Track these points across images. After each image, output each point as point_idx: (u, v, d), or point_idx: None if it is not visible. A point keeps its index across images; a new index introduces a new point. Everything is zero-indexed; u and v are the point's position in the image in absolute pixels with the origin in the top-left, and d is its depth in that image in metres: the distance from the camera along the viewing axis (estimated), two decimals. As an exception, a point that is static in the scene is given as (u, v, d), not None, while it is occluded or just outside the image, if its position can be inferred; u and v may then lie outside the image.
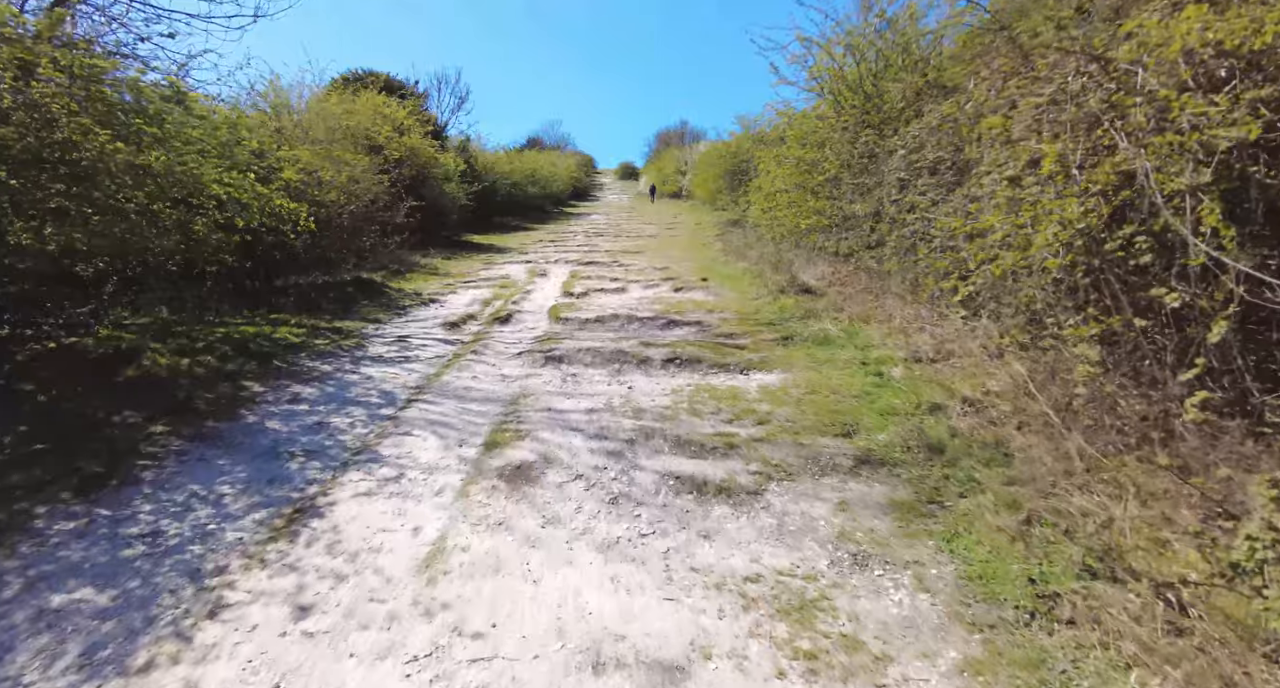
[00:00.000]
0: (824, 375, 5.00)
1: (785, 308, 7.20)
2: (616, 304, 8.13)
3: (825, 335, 5.94)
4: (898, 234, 5.98)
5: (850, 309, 6.46)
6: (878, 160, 7.20)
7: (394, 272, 10.74)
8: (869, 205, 7.13)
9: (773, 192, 9.63)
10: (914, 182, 6.02)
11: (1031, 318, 3.82)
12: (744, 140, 17.49)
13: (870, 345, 5.49)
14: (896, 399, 4.29)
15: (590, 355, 5.94)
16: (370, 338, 6.81)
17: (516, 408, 4.68)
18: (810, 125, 9.28)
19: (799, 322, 6.58)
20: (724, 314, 7.31)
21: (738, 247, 11.39)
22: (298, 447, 4.06)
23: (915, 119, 7.43)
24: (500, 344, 6.56)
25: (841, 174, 7.89)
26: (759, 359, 5.56)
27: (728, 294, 8.48)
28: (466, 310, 8.17)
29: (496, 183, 20.49)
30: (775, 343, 6.03)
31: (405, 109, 15.53)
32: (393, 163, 14.18)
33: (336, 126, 13.32)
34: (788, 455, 3.70)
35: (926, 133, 6.06)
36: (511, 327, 7.39)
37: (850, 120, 8.01)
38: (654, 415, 4.40)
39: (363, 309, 8.05)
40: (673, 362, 5.65)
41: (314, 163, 8.85)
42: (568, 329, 7.07)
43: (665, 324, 7.10)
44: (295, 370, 5.58)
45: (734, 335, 6.40)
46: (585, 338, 6.55)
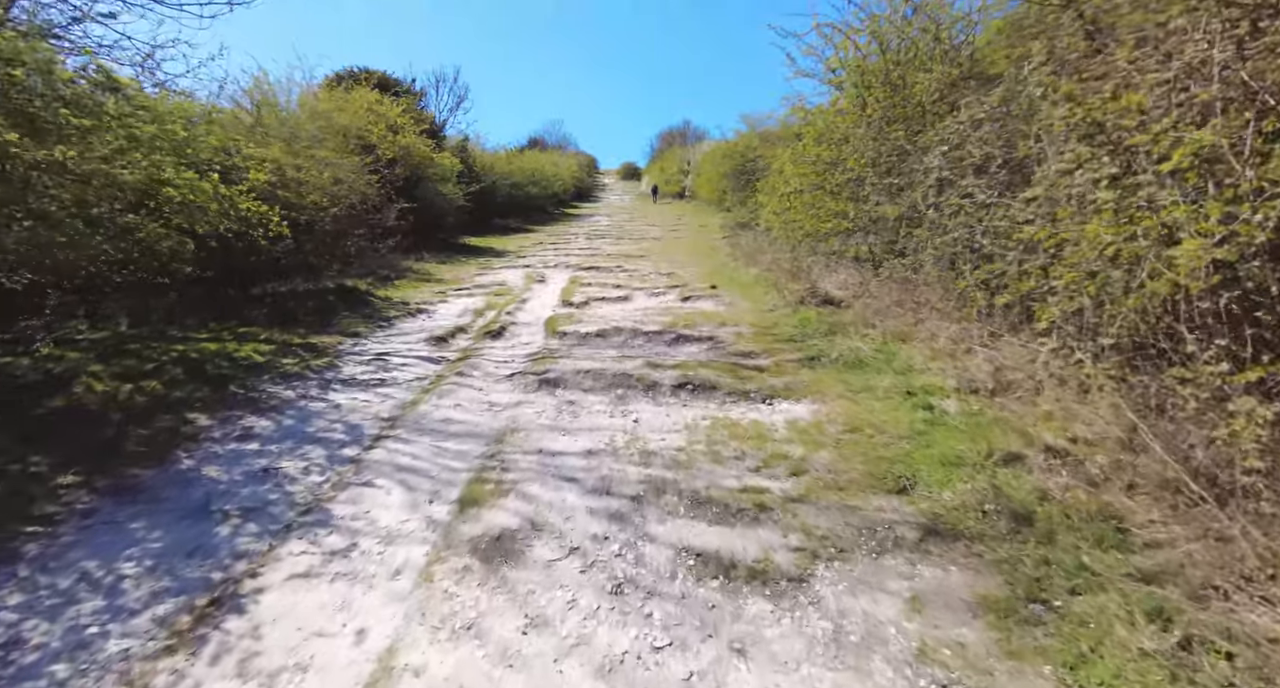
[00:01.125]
0: (863, 408, 4.24)
1: (807, 322, 6.44)
2: (619, 316, 7.38)
3: (857, 357, 5.18)
4: (940, 240, 5.22)
5: (883, 325, 5.70)
6: (909, 158, 6.44)
7: (382, 278, 9.99)
8: (899, 208, 6.37)
9: (788, 192, 8.86)
10: (957, 181, 5.26)
11: (1136, 347, 3.05)
12: (750, 139, 16.74)
13: (912, 370, 4.73)
14: (958, 443, 3.53)
15: (590, 379, 5.19)
16: (345, 356, 6.06)
17: (502, 448, 3.93)
18: (829, 121, 8.51)
19: (824, 339, 5.82)
20: (738, 328, 6.56)
21: (748, 250, 10.63)
22: (235, 502, 3.31)
23: (951, 113, 6.67)
24: (490, 363, 5.81)
25: (865, 173, 7.13)
26: (783, 386, 4.80)
27: (740, 304, 7.72)
28: (456, 322, 7.42)
29: (496, 183, 19.74)
30: (799, 364, 5.27)
31: (399, 107, 14.81)
32: (386, 163, 13.49)
33: (327, 124, 12.66)
34: (835, 523, 2.94)
35: (969, 126, 5.29)
36: (504, 342, 6.64)
37: (875, 115, 7.24)
38: (665, 461, 3.65)
39: (342, 321, 7.31)
40: (684, 387, 4.89)
41: (290, 161, 8.12)
42: (565, 345, 6.32)
43: (673, 340, 6.35)
44: (253, 398, 4.83)
45: (752, 354, 5.65)
46: (584, 356, 5.80)
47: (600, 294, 8.75)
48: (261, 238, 6.79)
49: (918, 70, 7.14)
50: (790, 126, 12.48)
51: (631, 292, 8.90)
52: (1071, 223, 3.31)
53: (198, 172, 5.73)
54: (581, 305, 8.17)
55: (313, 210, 8.68)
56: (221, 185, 5.89)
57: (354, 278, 9.45)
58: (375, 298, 8.55)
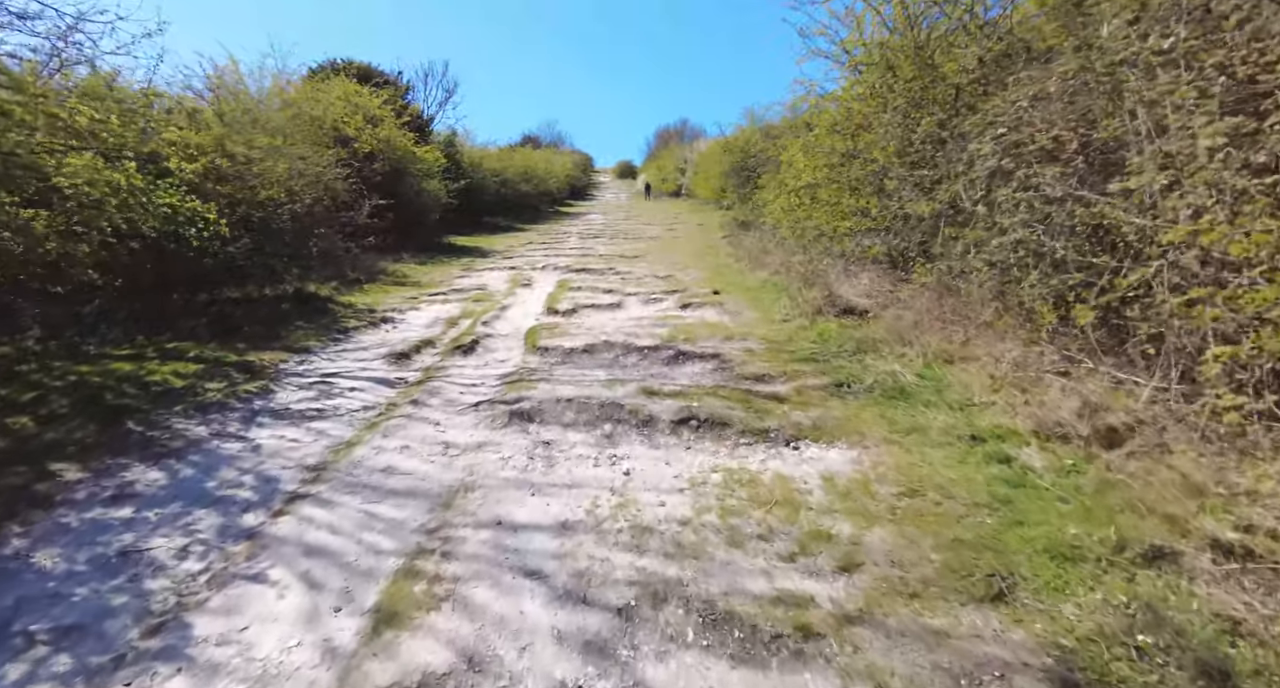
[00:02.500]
0: (918, 457, 3.27)
1: (827, 336, 5.47)
2: (611, 327, 6.40)
3: (897, 384, 4.21)
4: (996, 243, 4.25)
5: (922, 342, 4.73)
6: (945, 147, 5.47)
7: (351, 281, 8.98)
8: (934, 204, 5.40)
9: (798, 187, 7.89)
10: (1015, 172, 4.29)
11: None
12: (751, 134, 15.76)
13: (969, 404, 3.77)
14: (1062, 520, 2.56)
15: (572, 410, 4.20)
16: (285, 378, 5.06)
17: (449, 517, 2.95)
18: (845, 107, 7.54)
19: (852, 359, 4.85)
20: (747, 343, 5.58)
21: (752, 252, 9.65)
22: (56, 616, 2.31)
23: (986, 94, 5.71)
24: (455, 388, 4.81)
25: (891, 164, 6.16)
26: (810, 423, 3.82)
27: (747, 314, 6.74)
28: (424, 334, 6.42)
29: (485, 180, 18.70)
30: (826, 392, 4.30)
31: (380, 98, 13.76)
32: (363, 157, 12.46)
33: (297, 115, 11.65)
34: (916, 663, 1.97)
35: (1029, 105, 4.32)
36: (475, 359, 5.65)
37: (902, 100, 6.27)
38: (666, 543, 2.67)
39: (294, 333, 6.30)
40: (687, 423, 3.91)
41: (241, 150, 7.09)
42: (546, 364, 5.34)
43: (673, 357, 5.37)
44: (150, 439, 3.83)
45: (766, 378, 4.67)
46: (567, 379, 4.82)
47: (590, 300, 7.76)
48: (195, 238, 5.78)
49: (949, 47, 6.17)
50: (799, 116, 11.51)
51: (624, 298, 7.91)
52: (1223, 220, 2.34)
53: (106, 159, 4.73)
54: (568, 314, 7.18)
55: (269, 207, 7.66)
56: (138, 176, 4.90)
57: (318, 282, 8.43)
58: (337, 305, 7.53)
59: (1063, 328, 3.85)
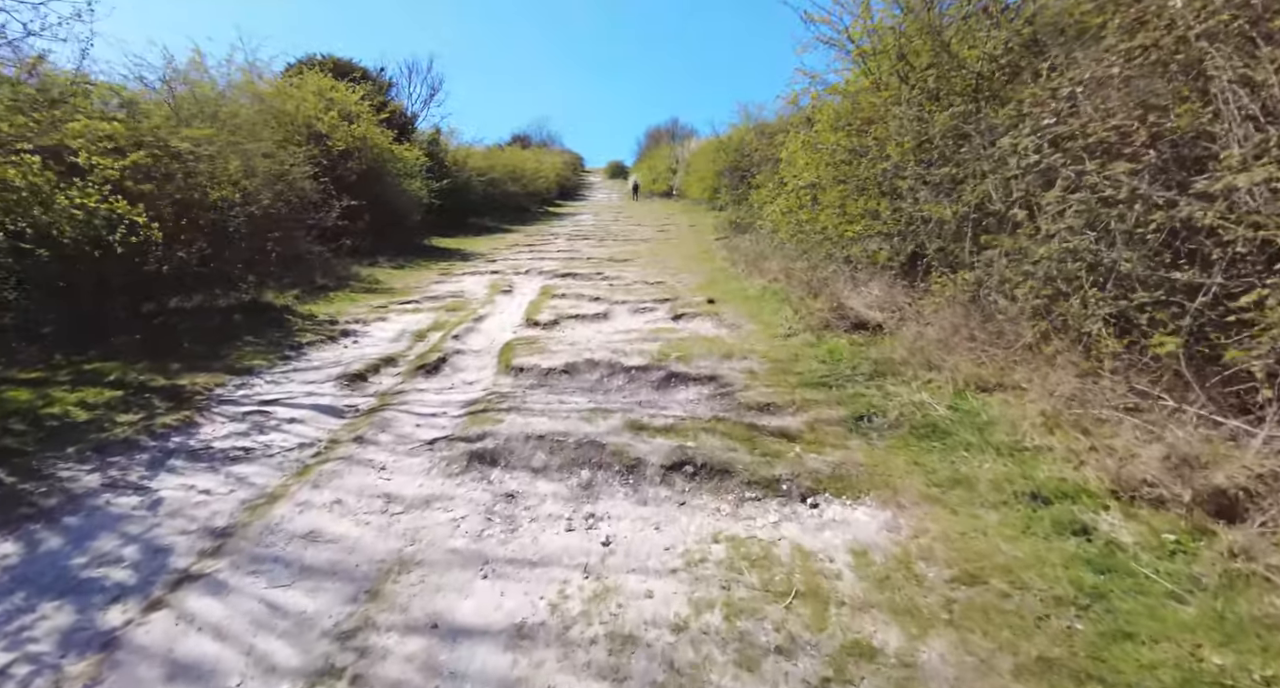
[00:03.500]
0: (968, 522, 2.59)
1: (838, 355, 4.80)
2: (596, 341, 5.69)
3: (927, 418, 3.54)
4: (1042, 252, 3.58)
5: (950, 365, 4.06)
6: (970, 142, 4.80)
7: (317, 288, 8.21)
8: (958, 206, 4.74)
9: (800, 187, 7.22)
10: (1063, 169, 3.62)
11: None
12: (745, 133, 15.09)
13: (1020, 448, 3.10)
14: (1191, 636, 1.89)
15: (544, 450, 3.50)
16: (217, 406, 4.32)
17: (373, 615, 2.24)
18: (853, 100, 6.87)
19: (869, 385, 4.17)
20: (748, 362, 4.90)
21: (748, 256, 8.97)
22: None
23: (1011, 83, 5.06)
24: (410, 419, 4.10)
25: (905, 162, 5.49)
26: (830, 470, 3.14)
27: (747, 326, 6.06)
28: (387, 350, 5.69)
29: (470, 180, 17.93)
30: (844, 428, 3.61)
31: (357, 94, 12.98)
32: (338, 155, 11.70)
33: (264, 109, 10.90)
34: None
35: (1084, 92, 3.66)
36: (440, 382, 4.93)
37: (918, 92, 5.61)
38: (654, 666, 1.96)
39: (239, 350, 5.55)
40: (681, 469, 3.22)
41: (185, 146, 6.33)
42: (519, 388, 4.63)
43: (664, 380, 4.68)
44: (21, 492, 3.09)
45: (772, 408, 3.99)
46: (541, 408, 4.11)
47: (574, 310, 7.05)
48: (119, 243, 5.03)
49: (968, 32, 5.51)
50: (796, 112, 10.85)
51: (612, 306, 7.21)
52: None
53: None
54: (549, 326, 6.47)
55: (222, 208, 6.90)
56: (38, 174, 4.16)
57: (278, 290, 7.67)
58: (295, 316, 6.78)
59: (1128, 354, 3.19)
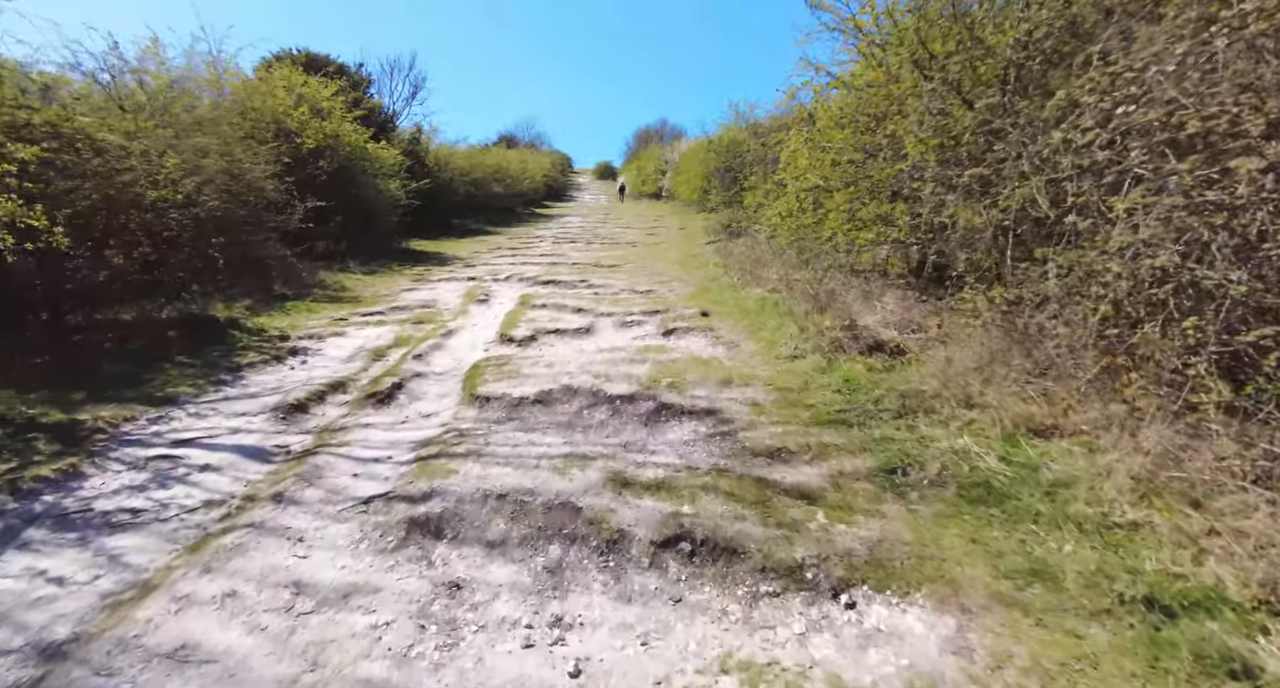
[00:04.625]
0: (1068, 648, 1.89)
1: (854, 383, 4.10)
2: (576, 362, 4.96)
3: (976, 472, 2.84)
4: (1118, 268, 2.90)
5: (992, 399, 3.37)
6: (1006, 138, 4.12)
7: (275, 297, 7.40)
8: (993, 212, 4.06)
9: (801, 190, 6.53)
10: (1133, 166, 2.94)
11: None
12: (737, 132, 14.41)
13: (1110, 523, 2.41)
14: None
15: (504, 517, 2.77)
16: (117, 449, 3.54)
17: None
18: (862, 95, 6.19)
19: (898, 424, 3.47)
20: (751, 391, 4.19)
21: (744, 263, 8.27)
22: None
23: (1079, 68, 4.40)
24: (348, 468, 3.35)
25: (926, 162, 4.81)
26: (865, 550, 2.43)
27: (746, 345, 5.35)
28: (337, 373, 4.92)
29: (453, 180, 17.10)
30: (875, 485, 2.91)
31: (331, 89, 12.14)
32: (308, 153, 10.87)
33: (226, 104, 10.12)
34: None
35: (1159, 73, 2.98)
36: (392, 414, 4.18)
37: (938, 84, 4.92)
38: None
39: (165, 374, 4.75)
40: (676, 548, 2.51)
41: (115, 139, 5.52)
42: (483, 424, 3.89)
43: (654, 413, 3.96)
44: None
45: (785, 455, 3.27)
46: (506, 454, 3.38)
47: (554, 323, 6.31)
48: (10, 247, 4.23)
49: (997, 15, 4.84)
50: (792, 110, 10.17)
51: (596, 319, 6.48)
52: None
53: None
54: (525, 343, 5.72)
55: (160, 210, 6.09)
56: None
57: (228, 300, 6.85)
58: (242, 331, 5.97)
59: (1241, 400, 2.51)
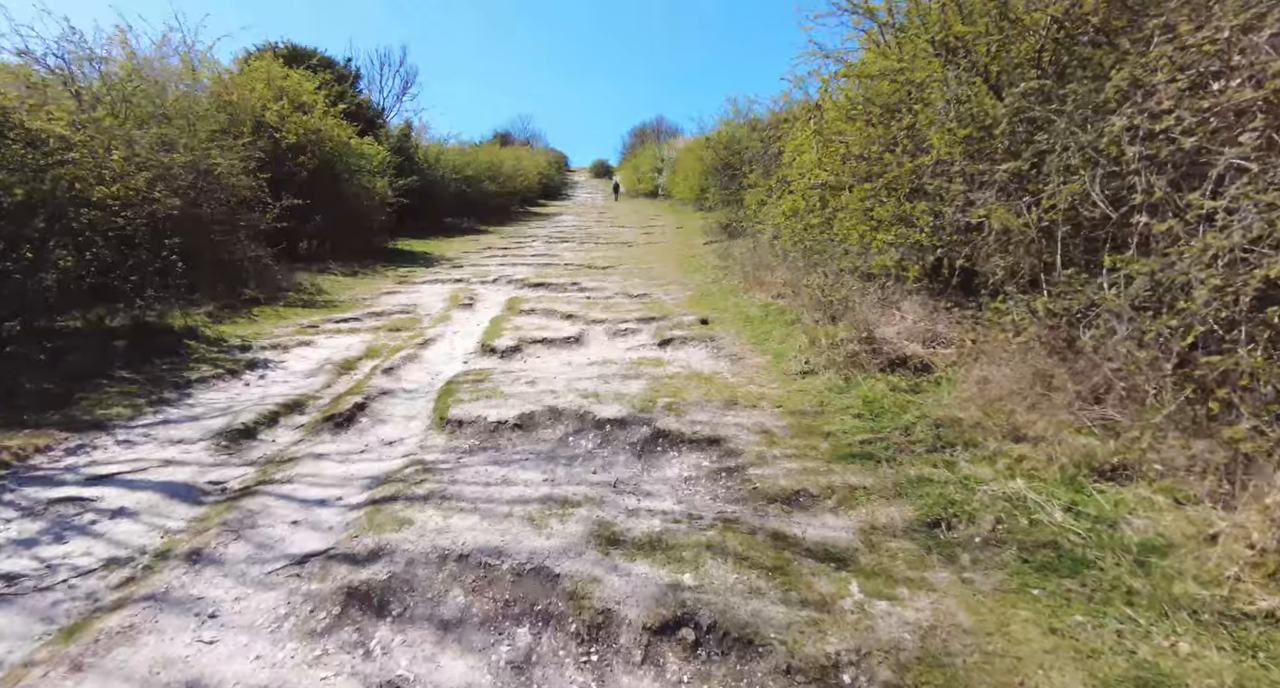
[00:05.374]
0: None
1: (877, 406, 3.57)
2: (563, 378, 4.42)
3: (1038, 527, 2.31)
4: (1206, 279, 2.37)
5: (1044, 432, 2.85)
6: (1051, 128, 3.59)
7: (245, 302, 6.83)
8: (1034, 212, 3.53)
9: (807, 188, 5.99)
10: (1234, 159, 2.42)
11: None
12: (736, 129, 13.85)
13: (1236, 611, 1.88)
14: None
15: (464, 586, 2.23)
16: (16, 488, 2.97)
17: None
18: (866, 86, 5.65)
19: (934, 459, 2.94)
20: (759, 414, 3.66)
21: (745, 265, 7.72)
22: None
23: (1133, 47, 3.88)
24: (287, 513, 2.80)
25: (952, 156, 4.27)
26: (917, 642, 1.90)
27: (751, 358, 4.82)
28: (297, 389, 4.37)
29: (444, 178, 16.50)
30: (916, 542, 2.38)
31: (314, 82, 11.54)
32: (288, 149, 10.29)
33: (212, 97, 9.60)
34: None
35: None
36: (349, 441, 3.62)
37: (964, 70, 4.39)
38: None
39: (101, 392, 4.19)
40: (675, 635, 1.97)
41: (61, 130, 4.95)
42: (452, 455, 3.35)
43: (650, 442, 3.42)
44: None
45: (804, 499, 2.74)
46: (474, 498, 2.84)
47: (541, 331, 5.77)
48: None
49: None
50: (792, 106, 9.63)
51: (587, 327, 5.93)
52: None
53: None
54: (508, 354, 5.18)
55: (107, 208, 5.51)
56: None
57: (188, 306, 6.27)
58: (199, 341, 5.41)
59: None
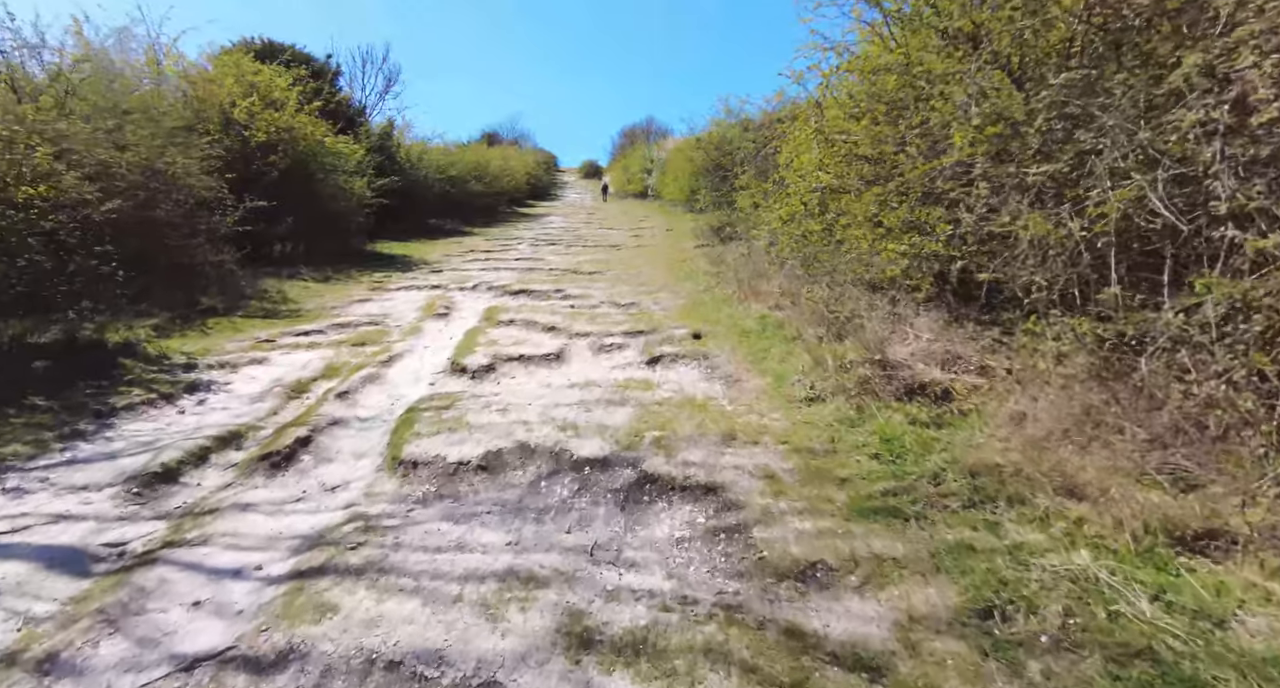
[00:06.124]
0: None
1: (897, 444, 3.07)
2: (538, 406, 3.88)
3: (1120, 622, 1.82)
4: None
5: (1106, 487, 2.36)
6: (1093, 125, 3.10)
7: (200, 312, 6.21)
8: (1076, 221, 3.04)
9: (808, 192, 5.49)
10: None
11: None
12: (728, 129, 13.36)
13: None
14: None
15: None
16: None
17: None
18: (870, 82, 5.15)
19: (972, 518, 2.44)
20: (762, 453, 3.14)
21: (739, 271, 7.19)
22: None
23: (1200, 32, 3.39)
24: (190, 589, 2.24)
25: (975, 155, 3.78)
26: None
27: (749, 379, 4.31)
28: (237, 418, 3.80)
29: (427, 178, 15.87)
30: (967, 642, 1.88)
31: (287, 78, 10.89)
32: (256, 148, 9.67)
33: (179, 94, 9.00)
34: None
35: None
36: (285, 487, 3.06)
37: (985, 61, 3.90)
38: None
39: (8, 422, 3.61)
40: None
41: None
42: (401, 507, 2.80)
43: (634, 490, 2.89)
44: None
45: (821, 575, 2.23)
46: (420, 569, 2.30)
47: (519, 346, 5.22)
48: None
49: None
50: (785, 106, 9.14)
51: (570, 342, 5.40)
52: None
53: None
54: (480, 374, 4.63)
55: (37, 210, 4.90)
56: None
57: (137, 317, 5.66)
58: (137, 358, 4.80)
59: None
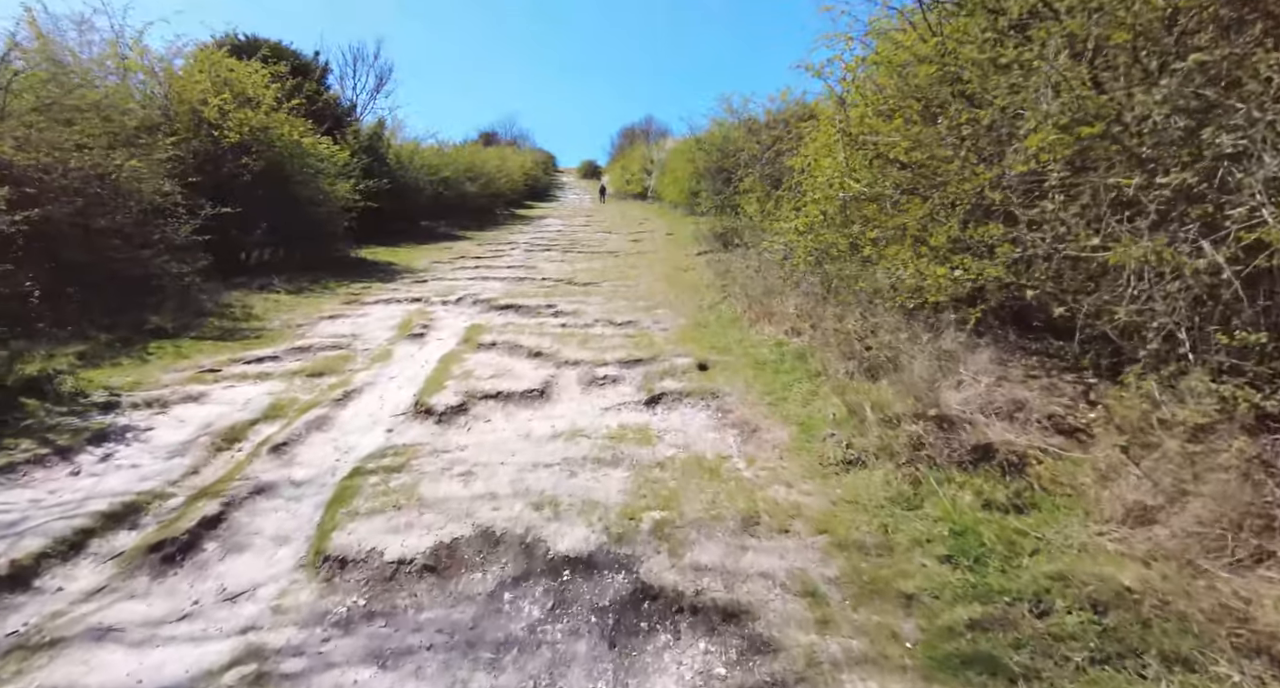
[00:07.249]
0: None
1: (973, 542, 2.31)
2: (511, 467, 3.11)
3: None
4: None
5: None
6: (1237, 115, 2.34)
7: (144, 333, 5.44)
8: (1221, 249, 2.28)
9: (829, 198, 4.72)
10: None
11: None
12: (731, 129, 12.57)
13: None
14: None
15: None
16: None
17: None
18: (899, 76, 4.38)
19: (1106, 683, 1.69)
20: (794, 549, 2.38)
21: (748, 287, 6.40)
22: None
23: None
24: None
25: (1049, 164, 3.01)
26: None
27: (768, 427, 3.53)
28: (144, 482, 3.02)
29: (419, 180, 15.07)
30: None
31: (264, 75, 10.08)
32: (228, 149, 8.88)
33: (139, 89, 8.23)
34: None
35: None
36: (167, 599, 2.29)
37: (1057, 48, 3.13)
38: None
39: None
40: None
41: None
42: (312, 640, 2.03)
43: (627, 611, 2.13)
44: None
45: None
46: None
47: (498, 379, 4.45)
48: None
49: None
50: (792, 106, 8.36)
51: (558, 372, 4.63)
52: None
53: None
54: (448, 416, 3.85)
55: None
56: None
57: (62, 342, 4.88)
58: (41, 398, 4.00)
59: None
